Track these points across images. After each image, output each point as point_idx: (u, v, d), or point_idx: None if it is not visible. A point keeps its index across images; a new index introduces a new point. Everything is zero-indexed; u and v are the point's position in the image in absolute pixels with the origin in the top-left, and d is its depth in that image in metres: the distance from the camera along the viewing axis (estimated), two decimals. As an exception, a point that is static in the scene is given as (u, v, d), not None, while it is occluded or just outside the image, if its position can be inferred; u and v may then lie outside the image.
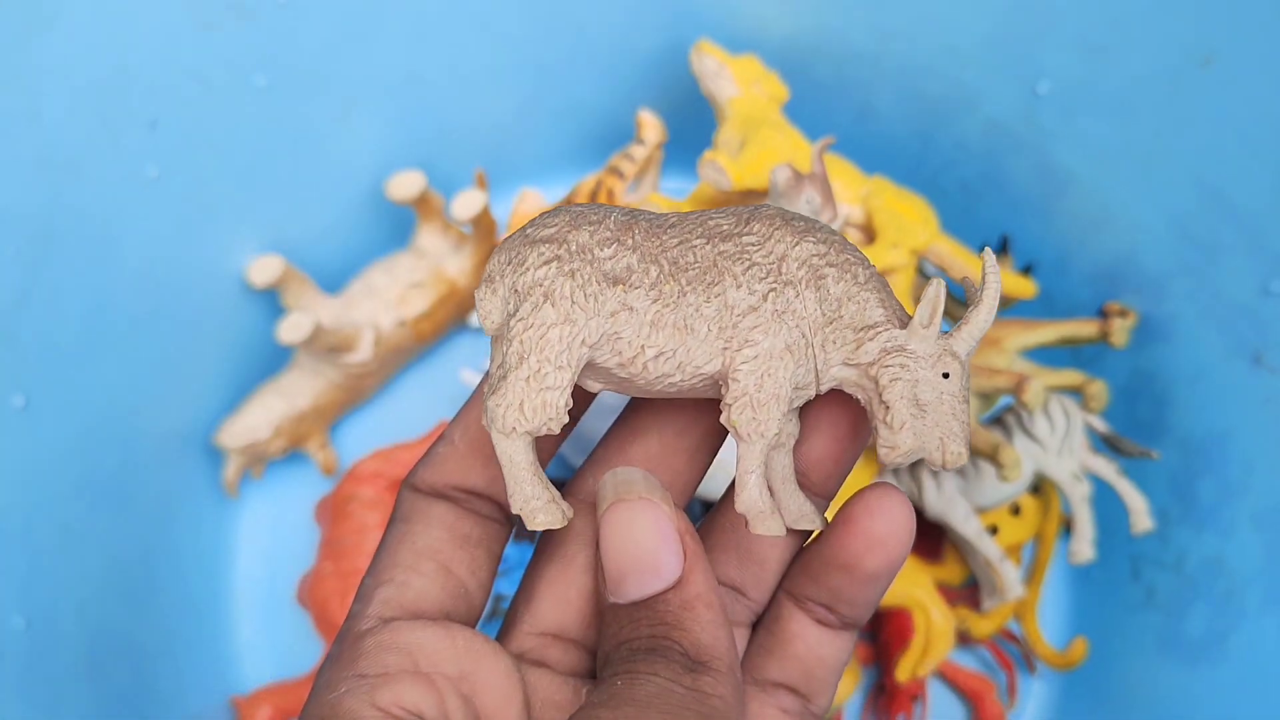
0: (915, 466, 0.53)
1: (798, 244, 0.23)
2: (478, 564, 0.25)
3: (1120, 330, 0.52)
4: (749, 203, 0.48)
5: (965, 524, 0.51)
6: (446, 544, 0.25)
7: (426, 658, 0.23)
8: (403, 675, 0.22)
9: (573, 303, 0.22)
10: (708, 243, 0.23)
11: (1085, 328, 0.53)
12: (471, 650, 0.23)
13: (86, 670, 0.48)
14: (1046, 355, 0.56)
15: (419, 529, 0.25)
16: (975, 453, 0.49)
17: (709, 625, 0.22)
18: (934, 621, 0.50)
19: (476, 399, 0.25)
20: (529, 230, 0.23)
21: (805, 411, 0.25)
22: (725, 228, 0.23)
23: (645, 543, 0.22)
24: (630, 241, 0.23)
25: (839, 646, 0.25)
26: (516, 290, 0.22)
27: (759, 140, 0.49)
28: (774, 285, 0.22)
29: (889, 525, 0.23)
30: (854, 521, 0.23)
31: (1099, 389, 0.50)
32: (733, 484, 0.23)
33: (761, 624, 0.26)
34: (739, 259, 0.22)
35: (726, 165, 0.46)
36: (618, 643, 0.22)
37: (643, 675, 0.21)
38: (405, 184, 0.59)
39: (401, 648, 0.23)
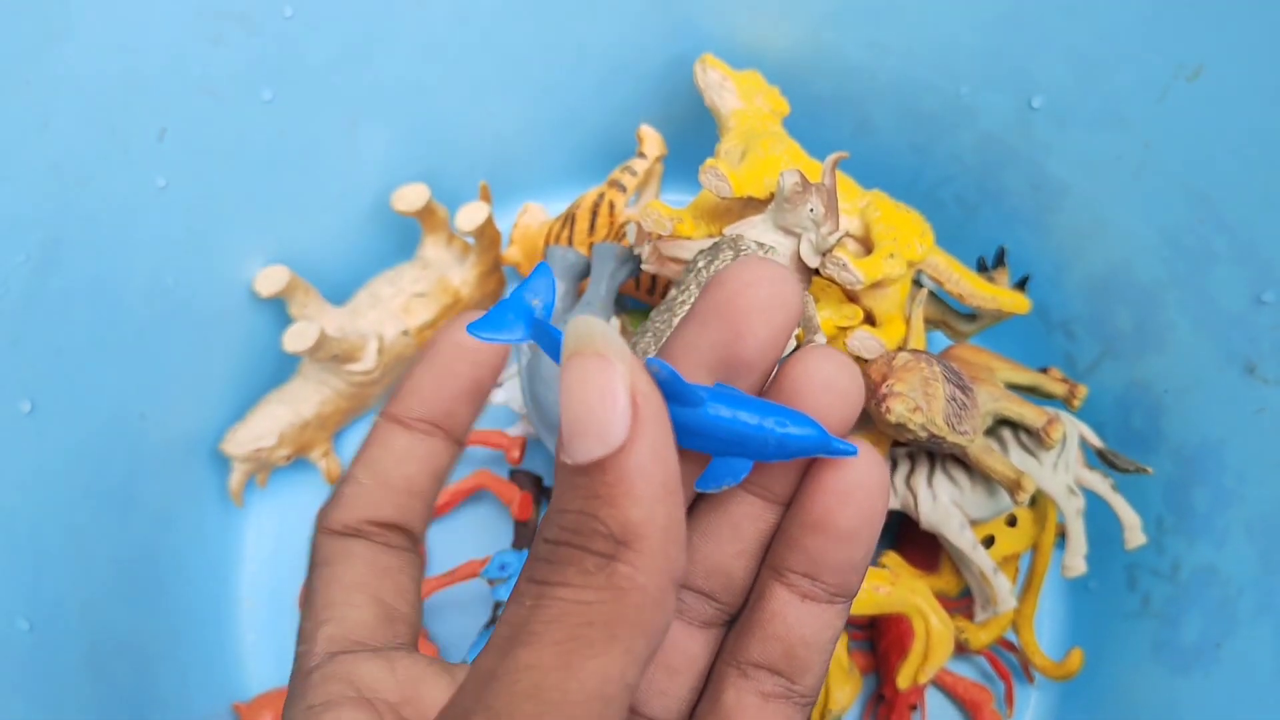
0: (911, 477, 0.53)
1: None
2: (403, 589, 0.27)
3: (1078, 398, 0.55)
4: (749, 210, 0.49)
5: (960, 536, 0.52)
6: (371, 576, 0.27)
7: (368, 686, 0.24)
8: (345, 702, 0.24)
9: None
10: None
11: (1055, 385, 0.55)
12: (412, 675, 0.25)
13: (90, 673, 0.48)
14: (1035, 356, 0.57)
15: (342, 568, 0.27)
16: (996, 480, 0.49)
17: (642, 499, 0.20)
18: (933, 628, 0.51)
19: (374, 438, 0.27)
20: None
21: None
22: None
23: (591, 402, 0.20)
24: None
25: (825, 622, 0.23)
26: None
27: (759, 150, 0.50)
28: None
29: (854, 476, 0.22)
30: (819, 478, 0.22)
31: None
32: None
33: (744, 606, 0.25)
34: None
35: (727, 173, 0.47)
36: (554, 510, 0.21)
37: (548, 588, 0.20)
38: (410, 196, 0.60)
39: (344, 678, 0.24)
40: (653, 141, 0.63)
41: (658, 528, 0.20)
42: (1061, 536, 0.58)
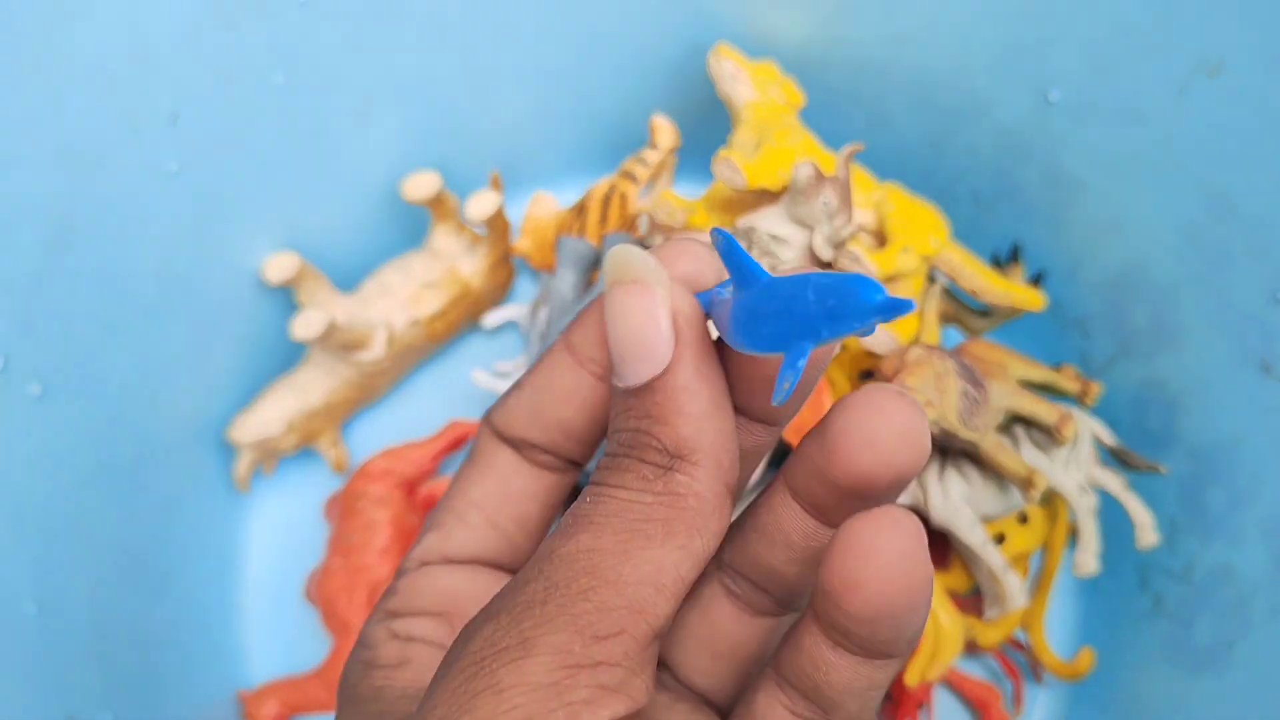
0: (922, 473, 0.53)
1: None
2: (527, 519, 0.27)
3: (1092, 396, 0.54)
4: (762, 202, 0.48)
5: (970, 532, 0.51)
6: (497, 496, 0.27)
7: (449, 598, 0.26)
8: (421, 611, 0.25)
9: None
10: None
11: (1069, 383, 0.54)
12: (491, 591, 0.25)
13: (95, 657, 0.48)
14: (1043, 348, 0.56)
15: (477, 477, 0.27)
16: (1007, 477, 0.49)
17: (691, 416, 0.21)
18: (942, 625, 0.50)
19: (547, 361, 0.26)
20: None
21: None
22: None
23: (635, 327, 0.21)
24: None
25: (857, 674, 0.21)
26: None
27: (773, 142, 0.49)
28: None
29: (886, 544, 0.19)
30: (849, 538, 0.20)
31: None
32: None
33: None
34: None
35: (741, 164, 0.47)
36: (612, 430, 0.22)
37: (609, 489, 0.21)
38: (421, 184, 0.59)
39: (426, 589, 0.26)
40: (666, 132, 0.63)
41: (708, 441, 0.21)
42: (1073, 535, 0.58)
